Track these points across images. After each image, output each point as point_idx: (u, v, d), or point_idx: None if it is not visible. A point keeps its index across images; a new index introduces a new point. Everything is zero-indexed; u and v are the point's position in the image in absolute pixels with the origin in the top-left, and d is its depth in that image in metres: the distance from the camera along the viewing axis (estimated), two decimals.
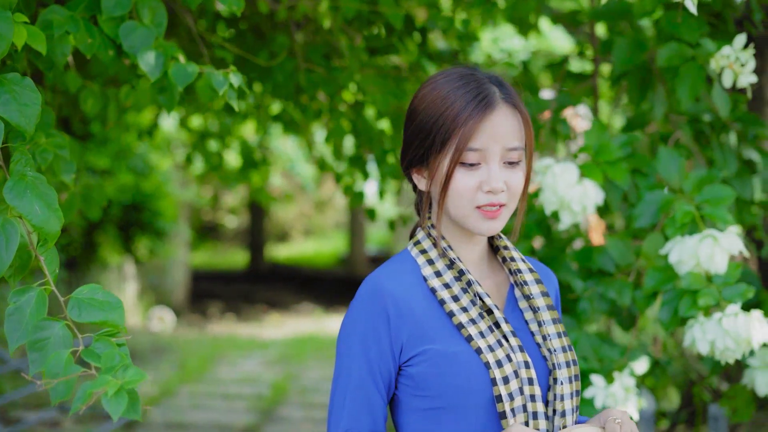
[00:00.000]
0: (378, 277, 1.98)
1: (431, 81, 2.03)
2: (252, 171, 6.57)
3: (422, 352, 1.94)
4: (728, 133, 3.59)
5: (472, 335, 1.94)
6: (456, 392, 1.92)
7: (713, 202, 2.91)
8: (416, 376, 1.94)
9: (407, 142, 2.03)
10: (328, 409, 1.99)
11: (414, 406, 1.97)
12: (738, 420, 3.45)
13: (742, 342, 2.67)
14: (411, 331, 1.94)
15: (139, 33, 2.34)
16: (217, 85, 2.37)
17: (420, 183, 2.04)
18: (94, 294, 1.71)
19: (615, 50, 3.30)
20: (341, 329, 2.00)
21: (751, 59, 3.09)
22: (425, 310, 1.96)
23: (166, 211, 11.97)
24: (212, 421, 8.21)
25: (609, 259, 3.09)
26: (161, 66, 2.33)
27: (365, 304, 1.96)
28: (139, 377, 1.51)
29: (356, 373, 1.95)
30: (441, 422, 1.94)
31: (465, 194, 1.95)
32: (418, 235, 2.07)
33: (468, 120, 1.92)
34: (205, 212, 24.95)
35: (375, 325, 1.94)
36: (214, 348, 12.07)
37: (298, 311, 16.02)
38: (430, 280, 1.99)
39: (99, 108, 3.22)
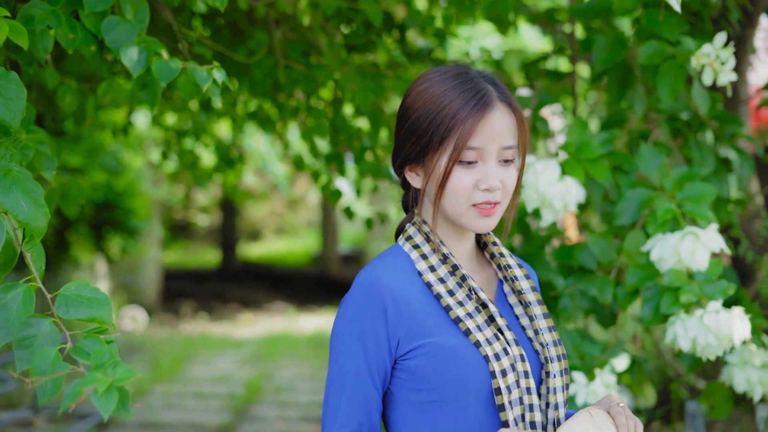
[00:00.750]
0: (374, 271, 1.97)
1: (425, 79, 2.03)
2: (228, 169, 6.54)
3: (421, 346, 1.94)
4: (705, 131, 3.60)
5: (470, 329, 1.95)
6: (454, 385, 1.93)
7: (694, 200, 2.92)
8: (414, 370, 1.94)
9: (402, 140, 2.02)
10: (324, 406, 1.98)
11: (409, 400, 1.97)
12: (716, 417, 3.46)
13: (724, 339, 2.69)
14: (409, 325, 1.94)
15: (122, 28, 2.32)
16: (201, 81, 2.35)
17: (413, 180, 2.04)
18: (81, 291, 1.69)
19: (595, 48, 3.31)
20: (337, 324, 1.99)
21: (731, 57, 3.11)
22: (422, 305, 1.97)
23: (138, 210, 11.89)
24: (186, 421, 8.17)
25: (590, 257, 3.09)
26: (144, 62, 2.31)
27: (362, 299, 1.94)
28: (130, 375, 1.49)
29: (354, 370, 1.94)
30: (436, 416, 1.95)
31: (462, 192, 1.96)
32: (408, 230, 2.06)
33: (467, 118, 1.94)
34: (176, 211, 24.83)
35: (373, 319, 1.93)
36: (187, 347, 12.01)
37: (271, 310, 15.98)
38: (425, 274, 1.99)
39: (77, 105, 3.19)
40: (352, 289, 1.98)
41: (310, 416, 8.31)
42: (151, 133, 10.63)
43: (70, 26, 2.32)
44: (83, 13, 2.33)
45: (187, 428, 7.93)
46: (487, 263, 2.17)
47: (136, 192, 11.75)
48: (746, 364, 3.20)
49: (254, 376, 10.16)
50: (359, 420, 1.94)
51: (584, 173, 3.04)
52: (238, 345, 12.34)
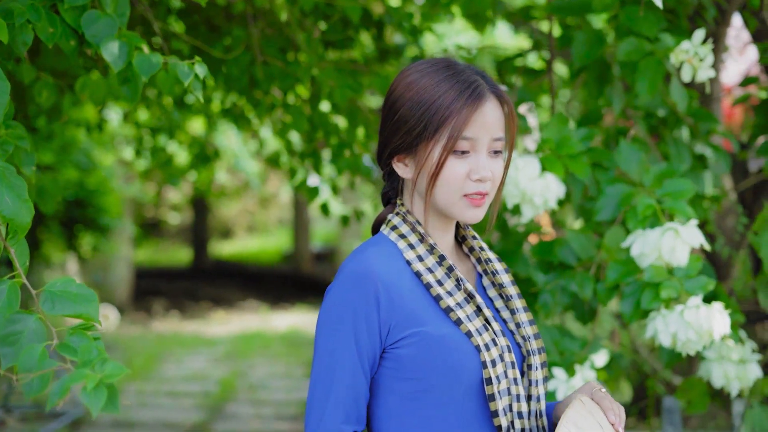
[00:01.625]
0: (365, 259, 1.96)
1: (414, 69, 2.04)
2: (203, 166, 6.51)
3: (412, 334, 1.93)
4: (681, 128, 3.62)
5: (461, 318, 1.96)
6: (445, 374, 1.93)
7: (674, 196, 2.93)
8: (404, 359, 1.94)
9: (392, 129, 2.02)
10: (311, 395, 1.94)
11: (394, 390, 1.96)
12: (693, 411, 3.48)
13: (704, 334, 2.70)
14: (400, 314, 1.94)
15: (102, 22, 2.30)
16: (183, 76, 2.33)
17: (401, 170, 2.04)
18: (67, 287, 1.68)
19: (574, 45, 3.31)
20: (326, 312, 1.96)
21: (710, 54, 3.12)
22: (412, 294, 1.96)
23: (110, 207, 11.81)
24: (160, 419, 8.13)
25: (570, 252, 3.10)
26: (125, 56, 2.29)
27: (354, 286, 1.93)
28: (119, 371, 1.47)
29: (345, 358, 1.92)
30: (422, 406, 1.95)
31: (454, 182, 1.97)
32: (393, 220, 2.05)
33: (462, 108, 1.95)
34: (147, 209, 24.70)
35: (366, 306, 1.92)
36: (159, 346, 11.96)
37: (244, 308, 15.93)
38: (414, 263, 1.98)
39: (53, 101, 3.17)
40: (341, 276, 1.96)
41: (285, 414, 8.30)
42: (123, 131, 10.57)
43: (50, 20, 2.29)
44: (63, 7, 2.31)
45: (161, 427, 7.89)
46: (465, 257, 2.17)
47: (107, 190, 11.67)
48: (724, 360, 3.22)
49: (228, 374, 10.13)
50: (347, 409, 1.92)
51: (564, 169, 3.05)
52: (211, 343, 12.30)
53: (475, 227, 3.18)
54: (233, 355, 11.35)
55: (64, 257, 12.44)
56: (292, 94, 4.43)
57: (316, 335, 1.98)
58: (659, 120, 3.69)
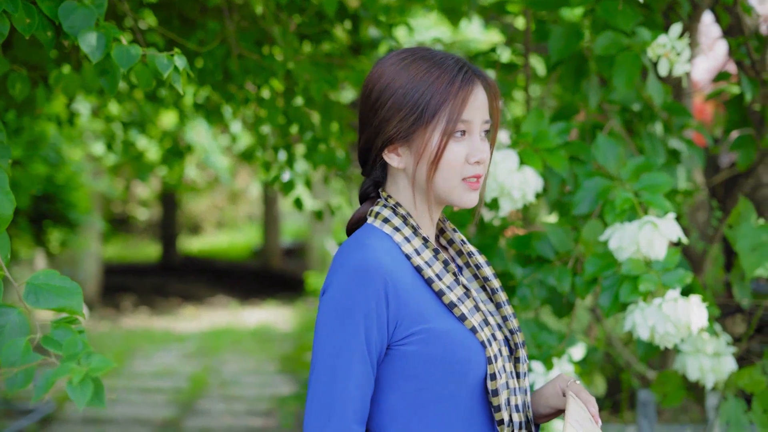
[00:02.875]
0: (370, 251, 1.90)
1: (397, 58, 2.00)
2: (175, 161, 6.47)
3: (419, 331, 1.89)
4: (655, 122, 3.64)
5: (465, 314, 1.93)
6: (452, 371, 1.90)
7: (651, 190, 2.94)
8: (411, 355, 1.89)
9: (383, 119, 1.96)
10: (313, 393, 1.86)
11: (398, 387, 1.91)
12: (668, 405, 3.50)
13: (682, 327, 2.71)
14: (406, 310, 1.89)
15: (80, 13, 2.27)
16: (162, 68, 2.31)
17: (394, 161, 1.99)
18: (50, 279, 1.65)
19: (551, 39, 3.31)
20: (331, 308, 1.88)
21: (686, 48, 3.13)
22: (415, 289, 1.92)
23: (79, 203, 11.71)
24: (131, 416, 8.09)
25: (548, 246, 3.10)
26: (103, 47, 2.26)
27: (362, 280, 1.87)
28: (105, 365, 1.46)
29: (356, 358, 1.85)
30: (425, 402, 1.91)
31: (455, 166, 1.95)
32: (383, 212, 2.00)
33: (458, 91, 1.93)
34: (115, 204, 24.55)
35: (376, 301, 1.86)
36: (129, 342, 11.90)
37: (213, 304, 15.87)
38: (413, 257, 1.94)
39: (27, 93, 3.13)
40: (345, 270, 1.89)
41: (257, 410, 8.28)
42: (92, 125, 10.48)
43: (27, 11, 2.26)
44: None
45: (132, 423, 7.85)
46: (443, 249, 2.15)
47: (76, 185, 11.57)
48: (699, 353, 3.24)
49: (199, 370, 10.09)
50: (357, 408, 1.86)
51: (542, 163, 3.05)
52: (181, 339, 12.25)
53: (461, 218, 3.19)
54: (204, 351, 11.31)
55: (33, 253, 12.34)
56: (267, 88, 4.40)
57: (319, 332, 1.89)
58: (634, 114, 3.70)
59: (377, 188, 2.07)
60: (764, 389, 3.34)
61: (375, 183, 2.08)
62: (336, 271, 1.92)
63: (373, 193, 2.07)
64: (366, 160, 2.05)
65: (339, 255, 1.95)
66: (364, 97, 2.03)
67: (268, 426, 7.77)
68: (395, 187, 2.03)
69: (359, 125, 2.05)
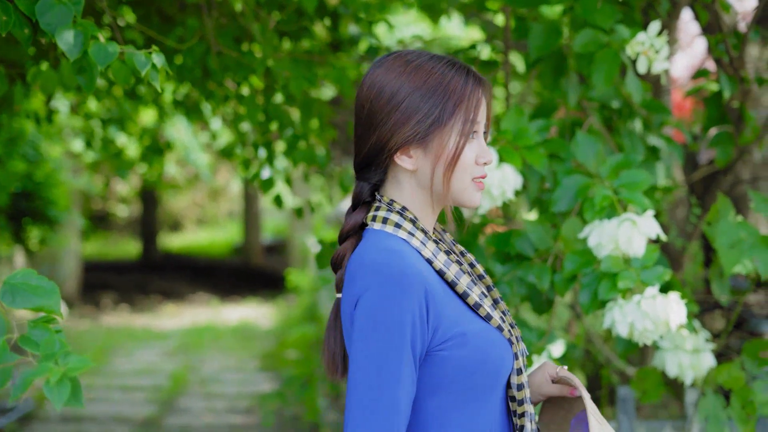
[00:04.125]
0: (404, 257, 1.87)
1: (404, 59, 1.98)
2: (154, 158, 6.44)
3: (455, 335, 1.88)
4: (634, 120, 3.65)
5: (490, 314, 1.95)
6: (489, 371, 1.92)
7: (630, 187, 2.94)
8: (448, 360, 1.88)
9: (398, 121, 1.93)
10: (356, 402, 1.83)
11: (433, 391, 1.90)
12: (647, 401, 3.51)
13: (661, 323, 2.72)
14: (443, 314, 1.88)
15: (57, 11, 2.26)
16: (140, 66, 2.30)
17: (407, 163, 1.96)
18: (27, 279, 1.63)
19: (531, 37, 3.32)
20: (373, 317, 1.84)
21: (665, 46, 3.14)
22: (443, 293, 1.92)
23: (58, 200, 11.65)
24: (111, 414, 8.07)
25: (528, 243, 3.10)
26: (81, 45, 2.24)
27: (405, 289, 1.84)
28: (83, 365, 1.45)
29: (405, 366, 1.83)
30: (460, 404, 1.91)
31: (468, 166, 1.97)
32: (392, 217, 1.97)
33: (472, 93, 1.95)
34: (95, 201, 24.46)
35: (420, 310, 1.84)
36: (109, 339, 11.86)
37: (194, 301, 15.85)
38: (434, 261, 1.93)
39: (5, 90, 3.11)
40: (381, 276, 1.84)
41: (238, 408, 8.26)
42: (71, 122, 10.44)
43: (3, 8, 2.25)
44: None
45: (112, 421, 7.83)
46: None
47: (55, 182, 11.52)
48: (678, 349, 3.25)
49: (179, 367, 10.06)
50: (403, 414, 1.83)
51: (521, 160, 3.05)
52: (161, 337, 12.22)
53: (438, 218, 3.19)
54: (184, 349, 11.29)
55: (12, 251, 12.27)
56: (247, 85, 4.39)
57: (363, 339, 1.85)
58: (613, 112, 3.71)
59: (374, 192, 2.04)
60: (743, 385, 3.36)
61: (373, 187, 2.03)
62: (367, 277, 1.87)
63: (369, 197, 2.03)
64: (371, 162, 2.00)
65: (364, 261, 1.89)
66: (371, 99, 1.98)
67: (248, 423, 7.76)
68: (399, 189, 2.01)
69: (364, 127, 1.99)
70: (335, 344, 2.03)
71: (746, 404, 3.38)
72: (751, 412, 3.38)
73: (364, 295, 1.86)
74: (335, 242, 4.06)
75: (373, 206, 2.01)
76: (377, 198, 2.02)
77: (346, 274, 1.93)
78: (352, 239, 2.00)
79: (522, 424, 1.98)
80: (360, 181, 2.03)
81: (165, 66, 2.34)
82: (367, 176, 2.02)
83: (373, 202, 2.02)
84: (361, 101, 2.00)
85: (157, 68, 2.32)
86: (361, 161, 2.02)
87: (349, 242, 2.00)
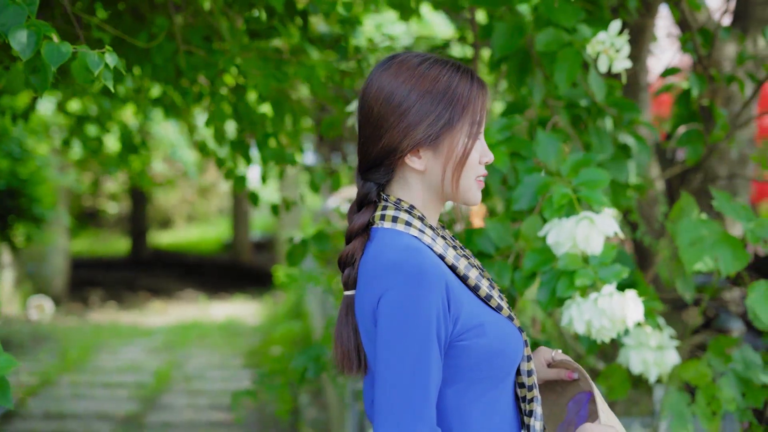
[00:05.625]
0: (427, 255, 1.95)
1: (409, 63, 2.03)
2: (132, 156, 6.44)
3: (474, 327, 1.96)
4: (604, 118, 3.66)
5: (501, 305, 2.04)
6: (505, 359, 2.02)
7: (589, 185, 2.96)
8: (468, 350, 1.96)
9: (412, 123, 1.99)
10: (395, 397, 1.87)
11: (453, 380, 1.98)
12: (614, 397, 3.53)
13: (617, 321, 2.74)
14: (462, 308, 1.96)
15: (11, 11, 2.26)
16: (93, 66, 2.31)
17: (416, 164, 2.03)
18: None
19: (494, 35, 3.33)
20: (400, 314, 1.89)
21: (626, 45, 3.16)
22: (459, 286, 1.99)
23: (44, 197, 11.66)
24: (93, 411, 8.08)
25: (488, 241, 3.12)
26: (33, 45, 2.25)
27: (428, 286, 1.90)
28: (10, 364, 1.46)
29: (433, 361, 1.89)
30: (478, 393, 2.00)
31: (474, 166, 2.06)
32: (402, 216, 2.02)
33: (478, 95, 2.04)
34: (85, 198, 24.45)
35: (443, 305, 1.91)
36: (95, 336, 11.86)
37: (182, 298, 15.86)
38: (447, 257, 2.00)
39: None
40: (403, 274, 1.91)
41: (220, 404, 8.28)
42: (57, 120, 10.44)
43: None
44: None
45: (93, 418, 7.84)
46: None
47: (40, 179, 11.52)
48: (642, 346, 3.28)
49: (164, 364, 10.08)
50: (431, 409, 1.89)
51: None
52: (147, 334, 12.23)
53: None
54: (170, 346, 11.30)
55: None
56: (221, 84, 4.40)
57: (392, 336, 1.90)
58: (583, 110, 3.72)
59: (379, 192, 2.09)
60: (709, 382, 3.39)
61: (380, 186, 2.08)
62: (389, 275, 1.92)
63: (375, 197, 2.08)
64: (380, 163, 2.05)
65: (383, 259, 1.95)
66: (380, 102, 2.03)
67: (229, 420, 7.78)
68: (407, 189, 2.07)
69: (373, 130, 2.04)
70: (349, 340, 2.06)
71: (711, 401, 3.41)
72: (717, 409, 3.41)
73: (387, 293, 1.91)
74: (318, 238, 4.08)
75: (380, 206, 2.07)
76: (383, 197, 2.07)
77: (363, 273, 1.99)
78: (360, 238, 2.05)
79: (531, 409, 2.07)
80: (367, 181, 2.08)
81: (119, 65, 2.35)
82: (374, 177, 2.07)
83: (379, 201, 2.08)
84: (369, 104, 2.04)
85: (110, 68, 2.33)
86: (369, 162, 2.07)
87: (358, 241, 2.05)
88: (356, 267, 2.03)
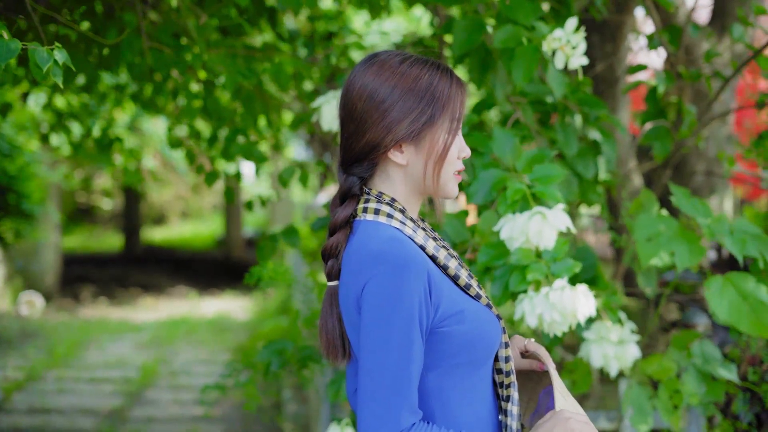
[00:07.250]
0: (408, 245, 2.01)
1: (391, 61, 2.10)
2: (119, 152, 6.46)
3: (454, 314, 2.03)
4: (572, 114, 3.69)
5: (479, 293, 2.12)
6: (484, 345, 2.08)
7: (543, 180, 2.99)
8: (449, 336, 2.03)
9: (395, 119, 2.06)
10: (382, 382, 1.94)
11: (434, 365, 2.04)
12: (578, 391, 3.56)
13: (568, 315, 2.76)
14: (442, 296, 2.02)
15: None
16: (41, 62, 2.34)
17: (399, 158, 2.09)
18: None
19: (454, 32, 3.36)
20: (383, 302, 1.96)
21: (582, 42, 3.18)
22: (438, 274, 2.05)
23: (32, 193, 11.66)
24: (77, 406, 8.10)
25: (445, 236, 3.15)
26: None
27: (410, 275, 1.96)
28: None
29: (415, 351, 1.96)
30: (459, 378, 2.07)
31: (453, 161, 2.13)
32: (383, 209, 2.09)
33: (457, 92, 2.10)
34: (79, 194, 24.45)
35: (424, 294, 1.97)
36: (84, 332, 11.88)
37: (173, 294, 15.87)
38: (427, 248, 2.07)
39: None
40: (387, 264, 1.97)
41: (205, 399, 8.29)
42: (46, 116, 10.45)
43: None
44: None
45: (77, 413, 7.86)
46: None
47: (29, 175, 11.53)
48: (603, 340, 3.30)
49: (151, 360, 10.10)
50: (413, 393, 1.96)
51: None
52: (136, 329, 12.25)
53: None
54: (158, 341, 11.32)
55: None
56: (189, 80, 4.43)
57: (375, 325, 1.97)
58: (549, 106, 3.75)
59: (361, 186, 2.15)
60: (672, 376, 3.42)
61: (362, 180, 2.14)
62: (374, 265, 1.98)
63: (358, 191, 2.14)
64: (363, 158, 2.11)
65: (368, 250, 2.01)
66: (364, 100, 2.09)
67: (214, 414, 7.80)
68: (389, 183, 2.13)
69: (357, 126, 2.10)
70: (334, 330, 2.13)
71: (673, 395, 3.44)
72: (678, 403, 3.44)
73: (371, 282, 1.98)
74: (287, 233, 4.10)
75: (362, 199, 2.13)
76: (366, 191, 2.14)
77: (348, 263, 2.05)
78: (343, 230, 2.11)
79: (509, 394, 2.14)
80: (349, 176, 2.14)
81: (67, 62, 2.38)
82: (357, 171, 2.13)
83: (362, 195, 2.14)
84: (352, 102, 2.11)
85: (59, 65, 2.36)
86: (352, 157, 2.13)
87: (342, 233, 2.11)
88: (340, 258, 2.10)
